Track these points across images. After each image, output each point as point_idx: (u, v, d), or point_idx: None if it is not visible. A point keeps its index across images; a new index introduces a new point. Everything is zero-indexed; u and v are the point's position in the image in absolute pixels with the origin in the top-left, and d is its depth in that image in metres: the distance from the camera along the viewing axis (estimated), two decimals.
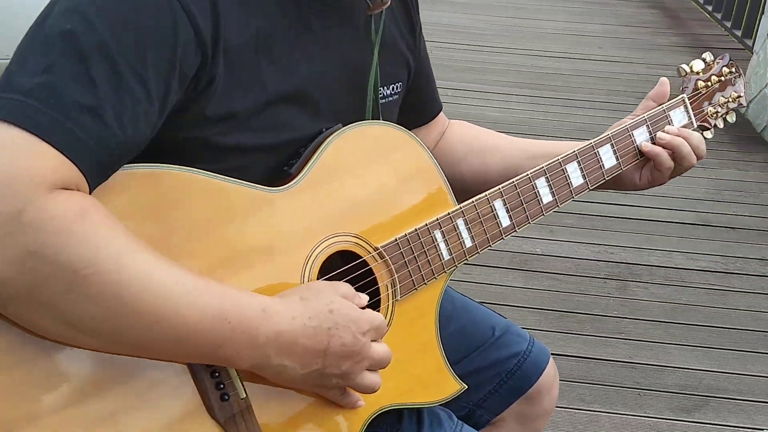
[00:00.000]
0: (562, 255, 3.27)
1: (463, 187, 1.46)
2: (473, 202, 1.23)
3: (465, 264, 2.33)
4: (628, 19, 6.89)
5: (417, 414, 1.24)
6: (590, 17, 6.86)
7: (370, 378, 1.05)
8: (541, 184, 1.29)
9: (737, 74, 1.53)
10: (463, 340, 1.46)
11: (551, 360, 1.54)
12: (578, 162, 1.32)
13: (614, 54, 5.87)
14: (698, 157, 1.37)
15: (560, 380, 2.46)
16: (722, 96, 1.50)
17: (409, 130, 1.42)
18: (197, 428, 0.97)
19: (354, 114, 1.19)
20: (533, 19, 6.65)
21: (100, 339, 0.87)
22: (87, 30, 0.87)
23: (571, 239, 3.39)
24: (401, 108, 1.35)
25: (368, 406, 1.10)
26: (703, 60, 1.50)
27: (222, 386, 0.98)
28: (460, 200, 1.24)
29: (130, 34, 0.89)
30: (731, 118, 1.52)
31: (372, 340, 1.04)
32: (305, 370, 0.99)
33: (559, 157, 1.30)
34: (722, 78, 1.50)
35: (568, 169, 1.31)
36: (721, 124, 1.51)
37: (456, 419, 1.29)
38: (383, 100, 1.26)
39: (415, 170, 1.20)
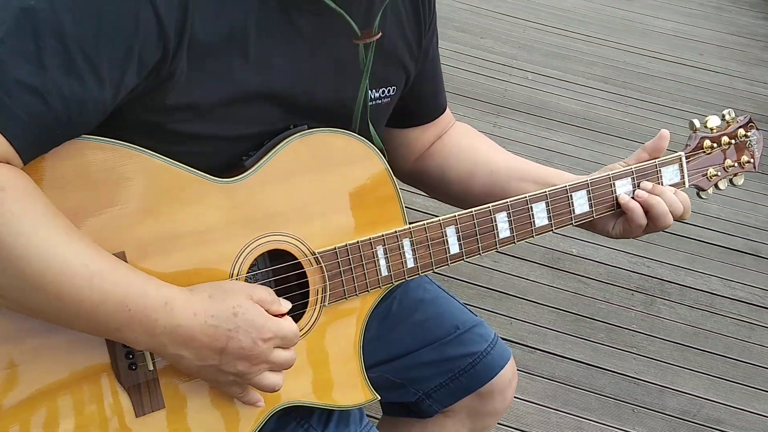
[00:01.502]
0: (597, 260, 3.27)
1: (447, 193, 1.49)
2: (424, 224, 1.24)
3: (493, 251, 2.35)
4: (740, 29, 6.63)
5: (328, 411, 1.27)
6: (702, 21, 6.63)
7: (270, 378, 1.09)
8: (501, 218, 1.28)
9: (755, 138, 1.46)
10: (422, 331, 1.51)
11: (511, 364, 1.57)
12: (546, 203, 1.31)
13: (714, 63, 5.68)
14: (679, 218, 1.35)
15: (557, 382, 2.55)
16: (730, 159, 1.44)
17: (405, 128, 1.47)
18: (102, 388, 1.04)
19: (335, 116, 1.21)
20: (642, 14, 6.45)
21: (8, 302, 0.95)
22: (48, 10, 0.91)
23: (611, 245, 3.37)
24: (400, 107, 1.37)
25: (274, 400, 1.16)
26: (722, 117, 1.45)
27: (131, 356, 1.05)
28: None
29: (90, 20, 0.94)
30: (738, 180, 1.47)
31: (277, 347, 1.07)
32: (201, 363, 1.03)
33: (526, 195, 1.30)
34: (735, 141, 1.45)
35: (533, 208, 1.30)
36: (723, 186, 1.46)
37: (366, 421, 1.32)
38: (371, 103, 1.27)
39: (370, 185, 1.20)
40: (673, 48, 5.83)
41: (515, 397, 2.44)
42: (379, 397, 1.26)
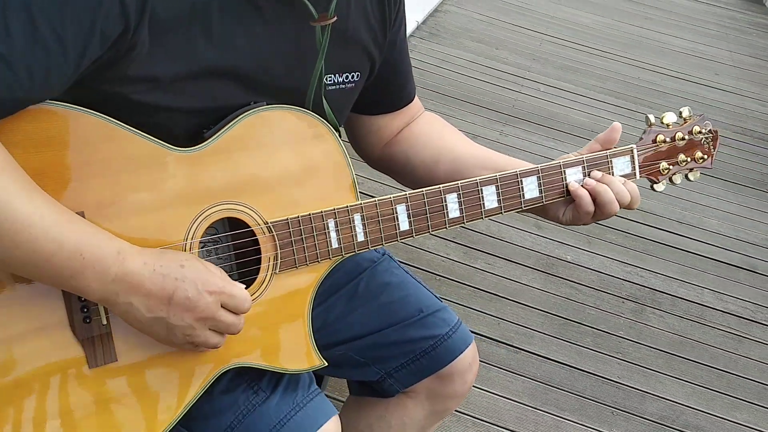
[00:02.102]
0: (591, 267, 3.31)
1: (413, 179, 1.55)
2: (376, 201, 1.29)
3: (488, 254, 2.37)
4: (758, 51, 6.65)
5: (278, 375, 1.32)
6: (720, 42, 6.66)
7: (212, 338, 1.14)
8: (452, 199, 1.33)
9: (710, 138, 1.51)
10: (388, 313, 1.57)
11: (472, 349, 1.61)
12: (497, 186, 1.36)
13: (728, 83, 5.71)
14: (626, 206, 1.40)
15: (539, 382, 2.59)
16: (684, 155, 1.49)
17: (374, 115, 1.54)
18: (57, 339, 1.11)
19: (295, 94, 1.27)
20: (659, 32, 6.50)
21: None
22: None
23: (605, 254, 3.41)
24: (368, 94, 1.45)
25: (222, 358, 1.21)
26: (679, 113, 1.49)
27: (86, 310, 1.11)
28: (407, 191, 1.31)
29: None
30: (694, 176, 1.51)
31: (224, 308, 1.13)
32: (151, 315, 1.09)
33: (477, 178, 1.35)
34: (691, 137, 1.49)
35: (483, 191, 1.35)
36: (678, 180, 1.51)
37: (314, 387, 1.37)
38: (333, 87, 1.33)
39: (324, 161, 1.26)
40: (688, 66, 5.87)
41: (494, 393, 2.52)
42: (326, 363, 1.31)
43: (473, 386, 2.51)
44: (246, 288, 1.20)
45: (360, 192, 1.32)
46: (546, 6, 6.40)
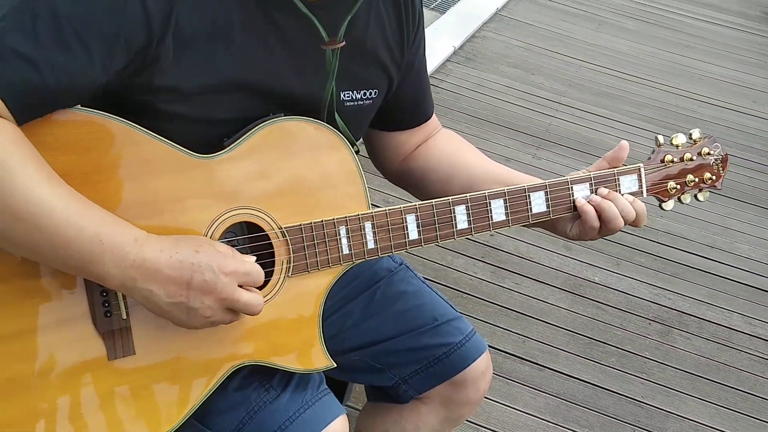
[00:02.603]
0: (619, 289, 3.33)
1: (429, 194, 1.57)
2: (386, 210, 1.34)
3: (515, 274, 2.39)
4: None
5: (289, 374, 1.37)
6: (760, 70, 6.62)
7: (231, 317, 1.19)
8: (460, 210, 1.38)
9: (719, 160, 1.53)
10: (403, 321, 1.62)
11: (485, 357, 1.65)
12: (505, 200, 1.41)
13: (766, 111, 5.68)
14: (631, 223, 1.44)
15: (561, 399, 2.63)
16: (692, 175, 1.51)
17: (392, 131, 1.60)
18: (79, 331, 1.17)
19: (309, 110, 1.33)
20: (698, 60, 6.50)
21: None
22: None
23: (634, 276, 3.43)
24: (386, 111, 1.52)
25: (235, 355, 1.27)
26: (689, 136, 1.53)
27: (107, 304, 1.18)
28: None
29: (83, 5, 1.07)
30: (703, 196, 1.54)
31: (240, 286, 1.17)
32: (170, 300, 1.13)
33: (486, 191, 1.40)
34: (700, 159, 1.52)
35: (492, 204, 1.40)
36: (687, 200, 1.54)
37: (323, 387, 1.41)
38: (351, 103, 1.40)
39: (337, 170, 1.31)
40: (726, 94, 5.86)
41: (517, 410, 2.56)
42: (335, 365, 1.36)
43: (497, 402, 2.58)
44: (260, 289, 1.26)
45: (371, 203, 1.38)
46: (584, 33, 6.45)
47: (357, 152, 1.36)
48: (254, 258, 1.22)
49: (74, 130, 1.14)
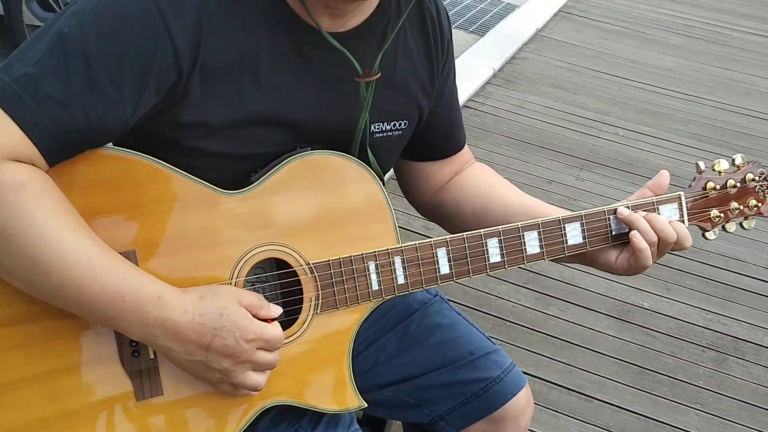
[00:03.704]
0: (669, 314, 3.20)
1: (462, 227, 1.49)
2: (416, 244, 1.29)
3: (560, 300, 2.29)
4: None
5: (319, 414, 1.32)
6: None
7: (252, 378, 1.17)
8: (493, 244, 1.33)
9: (765, 186, 1.45)
10: (438, 354, 1.56)
11: (525, 392, 1.58)
12: (539, 232, 1.35)
13: None
14: (675, 246, 1.36)
15: None
16: (736, 203, 1.44)
17: (423, 162, 1.55)
18: (108, 371, 1.15)
19: (339, 143, 1.30)
20: (745, 73, 6.33)
21: (20, 283, 1.07)
22: (78, 36, 1.06)
23: (685, 300, 3.30)
24: (417, 141, 1.47)
25: (264, 396, 1.23)
26: (731, 161, 1.45)
27: (135, 344, 1.16)
28: None
29: (114, 46, 1.08)
30: (748, 224, 1.46)
31: (260, 348, 1.15)
32: (190, 357, 1.12)
33: (519, 223, 1.34)
34: (744, 185, 1.44)
35: (525, 236, 1.34)
36: (732, 228, 1.46)
37: (355, 427, 1.37)
38: (380, 135, 1.36)
39: (366, 204, 1.28)
40: None
41: None
42: (365, 404, 1.31)
43: None
44: (288, 327, 1.23)
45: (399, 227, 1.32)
46: (627, 50, 6.33)
47: (384, 184, 1.31)
48: (279, 310, 1.19)
49: (103, 169, 1.14)
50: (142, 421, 1.18)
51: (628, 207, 1.39)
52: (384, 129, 1.37)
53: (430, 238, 1.31)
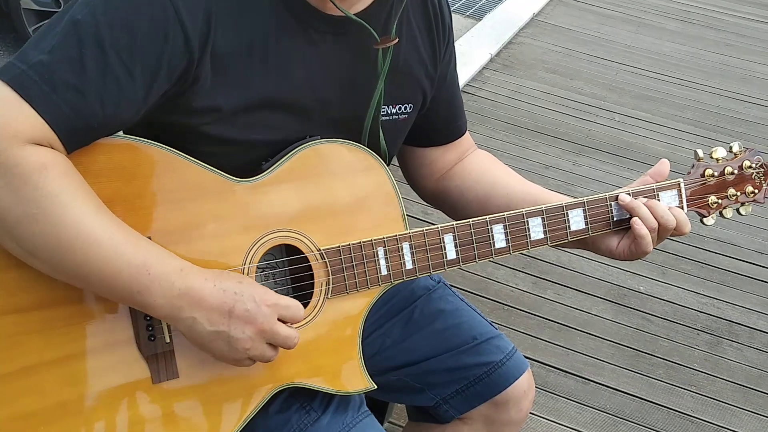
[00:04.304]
0: (665, 298, 3.25)
1: (466, 213, 1.55)
2: (424, 230, 1.33)
3: (558, 284, 2.30)
4: None
5: (329, 396, 1.36)
6: None
7: (270, 353, 1.19)
8: (498, 230, 1.36)
9: (762, 173, 1.49)
10: (442, 340, 1.59)
11: (527, 376, 1.62)
12: (543, 218, 1.39)
13: None
14: (675, 231, 1.39)
15: (608, 414, 2.56)
16: (733, 189, 1.48)
17: (426, 147, 1.58)
18: (125, 355, 1.18)
19: (349, 126, 1.34)
20: (742, 59, 6.37)
21: (43, 264, 1.09)
22: (91, 23, 1.08)
23: (680, 285, 3.35)
24: (420, 127, 1.50)
25: (276, 378, 1.27)
26: (729, 149, 1.49)
27: (151, 328, 1.19)
28: None
29: (127, 32, 1.11)
30: (745, 210, 1.50)
31: (280, 319, 1.18)
32: (212, 327, 1.14)
33: (523, 210, 1.38)
34: (741, 172, 1.48)
35: (529, 222, 1.38)
36: (729, 214, 1.50)
37: (365, 409, 1.40)
38: (386, 118, 1.40)
39: (375, 192, 1.32)
40: None
41: (562, 425, 2.50)
42: (375, 386, 1.35)
43: (542, 417, 2.52)
44: None
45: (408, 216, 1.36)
46: (624, 35, 6.36)
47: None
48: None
49: (117, 157, 1.16)
50: (159, 403, 1.21)
51: (629, 194, 1.42)
52: (389, 112, 1.40)
53: (428, 223, 1.35)
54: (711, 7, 7.67)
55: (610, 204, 1.42)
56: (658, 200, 1.43)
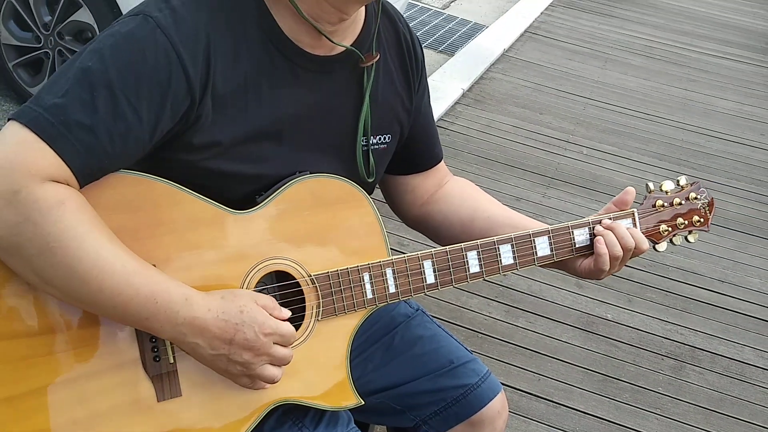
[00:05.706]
0: (631, 325, 3.39)
1: (450, 237, 1.68)
2: (405, 257, 1.45)
3: (529, 312, 2.35)
4: None
5: (320, 413, 1.46)
6: (767, 102, 6.73)
7: (270, 370, 1.30)
8: (472, 256, 1.50)
9: (706, 204, 1.65)
10: (420, 364, 1.70)
11: (500, 397, 1.72)
12: (512, 245, 1.52)
13: None
14: (634, 251, 1.54)
15: None
16: (682, 218, 1.64)
17: (406, 176, 1.71)
18: (131, 375, 1.28)
19: (339, 152, 1.47)
20: (704, 94, 6.59)
21: (58, 291, 1.18)
22: (100, 68, 1.19)
23: (645, 312, 3.50)
24: (401, 155, 1.63)
25: (271, 395, 1.37)
26: (676, 182, 1.66)
27: (156, 349, 1.28)
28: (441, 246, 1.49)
29: (134, 76, 1.22)
30: (693, 237, 1.66)
31: (276, 343, 1.29)
32: (214, 352, 1.25)
33: (495, 237, 1.52)
34: (688, 203, 1.65)
35: (500, 249, 1.51)
36: (678, 241, 1.66)
37: (352, 425, 1.52)
38: (366, 148, 1.52)
39: (359, 222, 1.44)
40: (733, 127, 5.94)
41: None
42: (363, 402, 1.46)
43: None
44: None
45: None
46: (591, 71, 6.56)
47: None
48: (289, 313, 1.33)
49: (126, 191, 1.26)
50: (163, 420, 1.31)
51: (589, 223, 1.57)
52: (373, 143, 1.53)
53: (404, 253, 1.47)
54: (673, 42, 7.92)
55: (572, 232, 1.56)
56: None
